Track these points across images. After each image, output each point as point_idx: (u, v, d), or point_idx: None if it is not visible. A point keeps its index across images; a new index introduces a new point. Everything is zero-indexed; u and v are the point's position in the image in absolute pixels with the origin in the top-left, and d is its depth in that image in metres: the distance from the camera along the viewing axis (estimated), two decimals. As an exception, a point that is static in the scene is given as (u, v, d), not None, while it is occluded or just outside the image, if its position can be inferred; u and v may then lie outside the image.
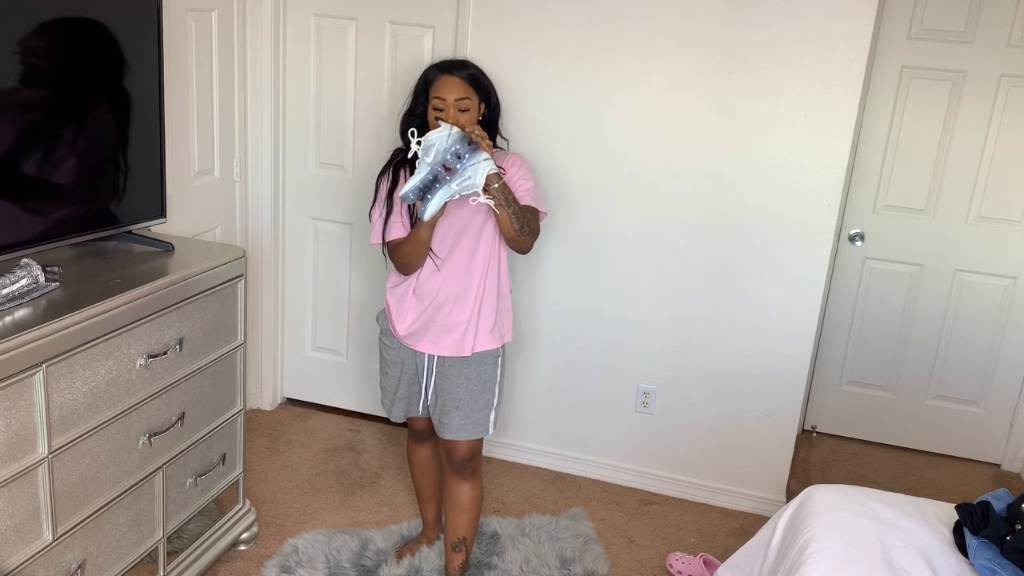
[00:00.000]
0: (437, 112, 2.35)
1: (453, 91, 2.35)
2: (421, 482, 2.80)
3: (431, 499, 2.83)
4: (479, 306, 2.47)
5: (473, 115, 2.39)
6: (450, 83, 2.36)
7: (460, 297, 2.45)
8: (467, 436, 2.51)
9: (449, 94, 2.34)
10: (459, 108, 2.35)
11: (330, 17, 3.29)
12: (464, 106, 2.35)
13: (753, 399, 3.17)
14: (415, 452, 2.77)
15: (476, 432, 2.52)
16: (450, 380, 2.50)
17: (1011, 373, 3.64)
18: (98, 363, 2.02)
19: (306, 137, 3.44)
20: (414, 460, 2.78)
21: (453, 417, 2.50)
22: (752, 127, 2.93)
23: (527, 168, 2.49)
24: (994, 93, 3.37)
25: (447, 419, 2.51)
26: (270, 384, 3.72)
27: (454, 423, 2.50)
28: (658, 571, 2.87)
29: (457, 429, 2.50)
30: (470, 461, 2.55)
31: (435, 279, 2.45)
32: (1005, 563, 1.93)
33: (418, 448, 2.76)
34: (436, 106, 2.36)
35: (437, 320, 2.46)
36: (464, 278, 2.45)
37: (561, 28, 3.00)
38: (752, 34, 2.85)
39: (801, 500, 2.28)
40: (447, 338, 2.47)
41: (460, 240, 2.43)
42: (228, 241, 3.36)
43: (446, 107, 2.34)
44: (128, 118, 2.31)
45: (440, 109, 2.35)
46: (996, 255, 3.53)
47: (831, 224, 2.95)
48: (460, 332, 2.46)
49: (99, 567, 2.15)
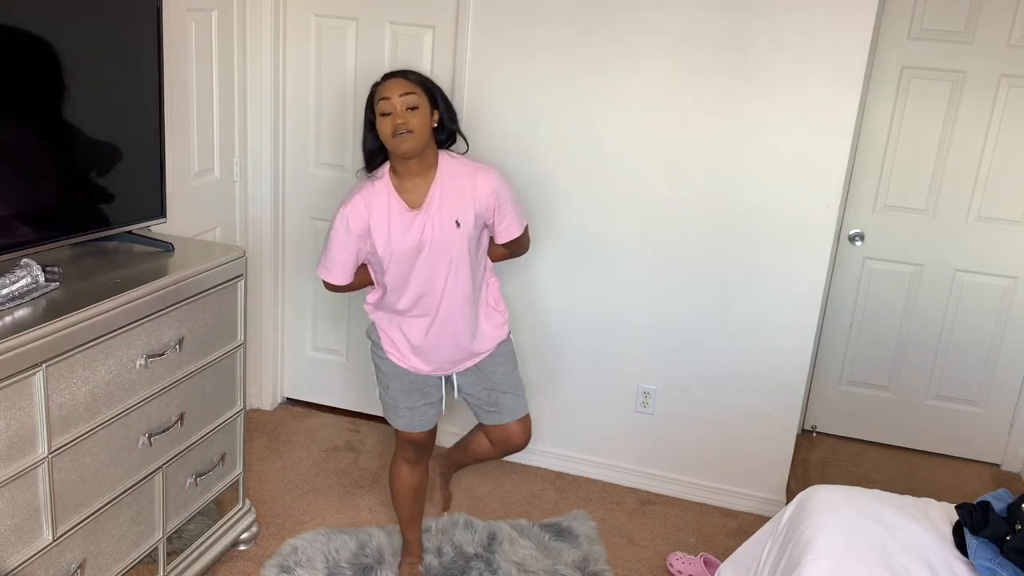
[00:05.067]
0: (384, 115, 2.26)
1: (396, 89, 2.26)
2: (411, 505, 2.67)
3: (418, 519, 2.73)
4: (480, 318, 2.52)
5: (423, 114, 2.28)
6: (392, 83, 2.29)
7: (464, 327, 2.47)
8: (524, 411, 2.61)
9: (392, 92, 2.26)
10: (406, 106, 2.25)
11: (330, 17, 3.29)
12: (412, 103, 2.26)
13: (753, 399, 3.17)
14: (410, 472, 2.62)
15: (527, 406, 2.64)
16: (485, 372, 2.56)
17: (1011, 373, 3.64)
18: (98, 363, 2.02)
19: (306, 137, 3.44)
20: (406, 480, 2.63)
21: (508, 399, 2.58)
22: (752, 127, 2.93)
23: (504, 186, 2.43)
24: (994, 93, 3.37)
25: (504, 402, 2.58)
26: (270, 384, 3.72)
27: (509, 404, 2.59)
28: (658, 571, 2.87)
29: (514, 409, 2.59)
30: (528, 439, 2.66)
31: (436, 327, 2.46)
32: (1005, 563, 1.93)
33: (413, 468, 2.62)
34: (382, 109, 2.27)
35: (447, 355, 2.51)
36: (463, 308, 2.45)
37: (561, 27, 3.00)
38: (752, 34, 2.85)
39: (802, 499, 2.28)
40: (463, 363, 2.55)
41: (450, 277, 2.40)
42: (228, 241, 3.36)
43: (392, 107, 2.25)
44: (128, 118, 2.31)
45: (387, 112, 2.26)
46: (996, 255, 3.53)
47: (831, 224, 2.95)
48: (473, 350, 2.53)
49: (99, 567, 2.15)
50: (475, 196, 2.37)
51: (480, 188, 2.38)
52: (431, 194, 2.35)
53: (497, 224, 2.46)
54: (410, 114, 2.26)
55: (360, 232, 2.38)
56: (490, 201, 2.40)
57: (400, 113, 2.25)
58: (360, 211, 2.36)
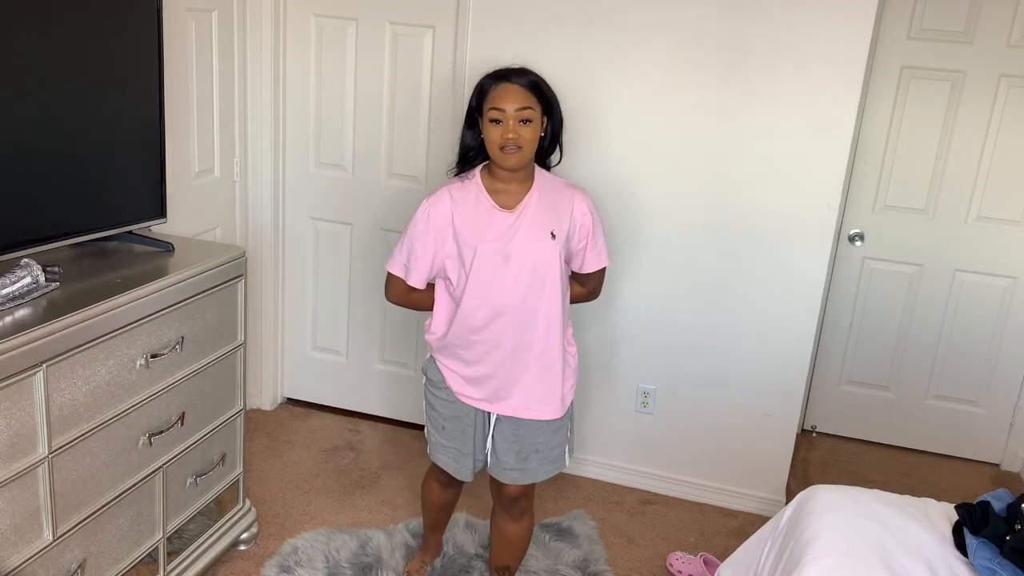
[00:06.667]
0: (494, 124, 2.09)
1: (513, 100, 2.07)
2: (438, 516, 2.64)
3: (442, 529, 2.72)
4: (557, 365, 2.26)
5: (536, 128, 2.11)
6: (509, 91, 2.09)
7: (537, 363, 2.24)
8: (545, 476, 2.32)
9: (509, 104, 2.07)
10: (520, 119, 2.07)
11: (330, 17, 3.29)
12: (526, 116, 2.08)
13: (753, 399, 3.17)
14: (441, 491, 2.54)
15: (555, 469, 2.33)
16: (531, 427, 2.28)
17: (1011, 373, 3.64)
18: (98, 363, 2.02)
19: (306, 137, 3.44)
20: (437, 497, 2.56)
21: (532, 462, 2.29)
22: (752, 127, 2.93)
23: (598, 212, 2.29)
24: (994, 93, 3.37)
25: (526, 464, 2.29)
26: (270, 384, 3.72)
27: (532, 467, 2.30)
28: (658, 571, 2.87)
29: (534, 473, 2.30)
30: (526, 499, 2.37)
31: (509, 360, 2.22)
32: (1004, 563, 1.94)
33: (445, 488, 2.53)
34: (493, 117, 2.08)
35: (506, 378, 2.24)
36: (544, 340, 2.22)
37: (561, 27, 3.00)
38: (752, 34, 2.85)
39: (802, 499, 2.29)
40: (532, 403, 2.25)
41: (537, 297, 2.19)
42: (228, 241, 3.36)
43: (504, 118, 2.07)
44: (128, 118, 2.31)
45: (497, 120, 2.08)
46: (996, 255, 3.53)
47: (831, 224, 2.95)
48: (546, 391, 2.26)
49: (99, 567, 2.15)
50: (572, 213, 2.21)
51: (578, 206, 2.22)
52: (527, 200, 2.17)
53: (589, 249, 2.27)
54: (522, 127, 2.09)
55: (441, 227, 2.17)
56: (586, 221, 2.22)
57: (512, 127, 2.07)
58: (444, 204, 2.17)
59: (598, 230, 2.28)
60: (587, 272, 2.32)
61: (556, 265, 2.17)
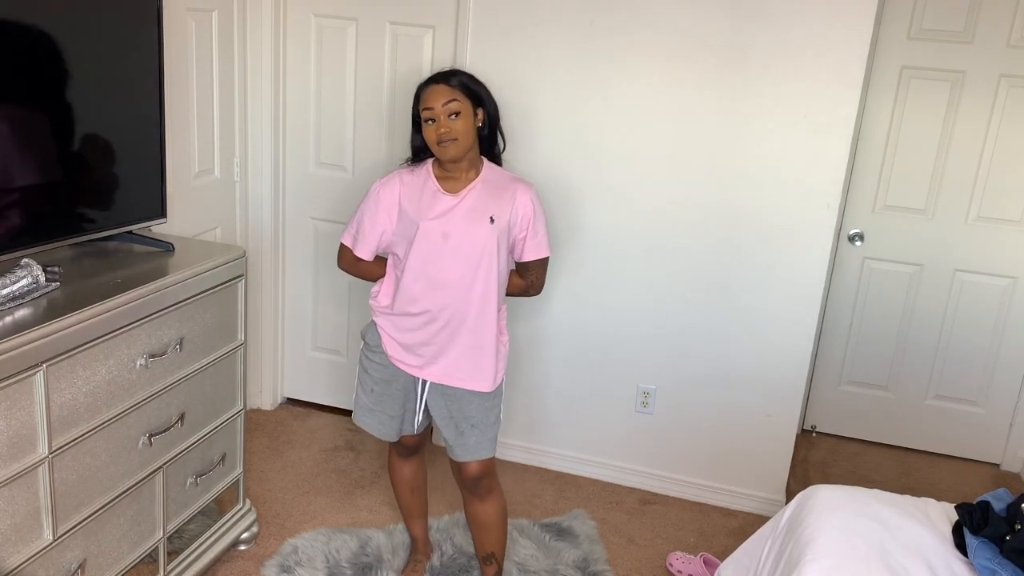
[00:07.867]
0: (428, 124, 2.28)
1: (439, 98, 2.27)
2: (411, 500, 2.69)
3: (421, 515, 2.74)
4: (489, 343, 2.39)
5: (467, 119, 2.29)
6: (435, 91, 2.28)
7: (470, 340, 2.37)
8: (486, 455, 2.42)
9: (436, 102, 2.26)
10: (448, 113, 2.26)
11: (330, 17, 3.29)
12: (453, 109, 2.26)
13: (753, 399, 3.17)
14: (402, 468, 2.63)
15: (493, 449, 2.44)
16: (461, 399, 2.41)
17: (1011, 373, 3.64)
18: (98, 363, 2.02)
19: (306, 137, 3.45)
20: (401, 477, 2.65)
21: (470, 437, 2.40)
22: (752, 127, 2.93)
23: (541, 205, 2.42)
24: (994, 93, 3.37)
25: (464, 439, 2.40)
26: (270, 384, 3.72)
27: (471, 443, 2.40)
28: (658, 571, 2.87)
29: (476, 449, 2.41)
30: (488, 478, 2.46)
31: (445, 332, 2.36)
32: (1004, 563, 1.94)
33: (404, 463, 2.63)
34: (426, 117, 2.28)
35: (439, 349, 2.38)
36: (476, 318, 2.36)
37: (561, 27, 3.00)
38: (752, 34, 2.85)
39: (802, 499, 2.29)
40: (444, 368, 2.39)
41: (473, 278, 2.34)
42: (228, 241, 3.36)
43: (435, 115, 2.26)
44: (129, 118, 2.31)
45: (430, 119, 2.27)
46: (995, 255, 3.53)
47: (831, 224, 2.96)
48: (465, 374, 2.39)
49: (99, 567, 2.15)
50: (514, 203, 2.36)
51: (520, 197, 2.37)
52: (471, 187, 2.34)
53: (529, 239, 2.40)
54: (453, 121, 2.26)
55: (389, 204, 2.37)
56: (527, 211, 2.37)
57: (443, 122, 2.26)
58: (394, 184, 2.38)
59: (539, 221, 2.42)
60: (527, 260, 2.46)
61: (492, 247, 2.33)
